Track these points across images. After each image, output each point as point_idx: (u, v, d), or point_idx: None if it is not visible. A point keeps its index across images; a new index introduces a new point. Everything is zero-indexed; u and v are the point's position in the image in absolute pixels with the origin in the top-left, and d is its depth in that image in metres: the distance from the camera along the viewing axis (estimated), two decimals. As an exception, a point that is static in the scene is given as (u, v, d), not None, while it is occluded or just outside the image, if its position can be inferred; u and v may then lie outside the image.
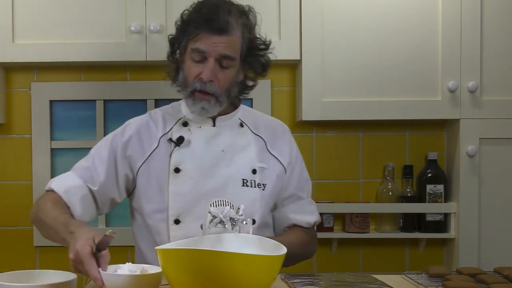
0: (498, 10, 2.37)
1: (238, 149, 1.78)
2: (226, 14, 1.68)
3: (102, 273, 1.43)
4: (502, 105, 2.37)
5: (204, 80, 1.69)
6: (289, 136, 1.89)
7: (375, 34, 2.37)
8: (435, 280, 1.57)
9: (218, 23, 1.67)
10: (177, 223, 1.72)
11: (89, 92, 2.55)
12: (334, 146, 2.58)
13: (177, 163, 1.74)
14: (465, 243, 2.40)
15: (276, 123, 1.92)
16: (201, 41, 1.68)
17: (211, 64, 1.68)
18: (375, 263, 2.59)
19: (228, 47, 1.68)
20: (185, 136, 1.76)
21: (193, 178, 1.73)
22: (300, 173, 1.88)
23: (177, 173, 1.74)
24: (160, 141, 1.78)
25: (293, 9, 2.36)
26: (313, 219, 1.87)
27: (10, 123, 2.56)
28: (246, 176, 1.75)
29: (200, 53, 1.69)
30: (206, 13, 1.68)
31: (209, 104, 1.71)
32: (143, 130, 1.80)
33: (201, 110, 1.72)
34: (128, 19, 2.34)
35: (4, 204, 2.56)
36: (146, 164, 1.77)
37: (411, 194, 2.52)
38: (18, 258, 2.55)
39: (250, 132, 1.82)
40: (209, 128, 1.78)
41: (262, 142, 1.82)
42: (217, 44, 1.67)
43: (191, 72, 1.71)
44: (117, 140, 1.80)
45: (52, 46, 2.35)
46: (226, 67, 1.70)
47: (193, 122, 1.79)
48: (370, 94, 2.37)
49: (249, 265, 1.27)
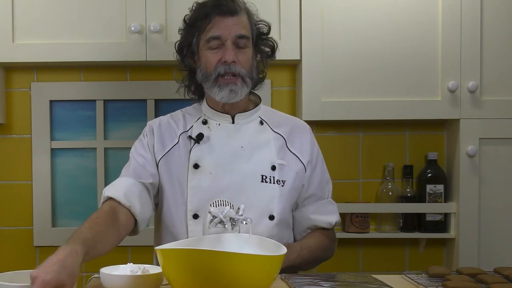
0: (498, 10, 2.37)
1: (257, 145, 1.79)
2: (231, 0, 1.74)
3: (102, 274, 1.43)
4: (502, 105, 2.37)
5: (228, 62, 1.72)
6: (310, 135, 1.90)
7: (375, 34, 2.37)
8: (435, 280, 1.57)
9: (227, 6, 1.72)
10: (196, 217, 1.73)
11: (89, 92, 2.55)
12: (334, 146, 2.58)
13: (196, 159, 1.76)
14: (465, 243, 2.40)
15: (297, 121, 1.93)
16: (215, 27, 1.72)
17: (230, 46, 1.72)
18: (375, 263, 2.59)
19: (242, 27, 1.74)
20: (205, 133, 1.79)
21: (212, 174, 1.75)
22: (321, 174, 1.89)
23: (196, 169, 1.76)
24: (180, 138, 1.81)
25: (293, 9, 2.36)
26: (334, 219, 1.87)
27: (10, 123, 2.56)
28: (265, 172, 1.76)
29: (217, 39, 1.72)
30: (213, 1, 1.73)
31: (236, 86, 1.74)
32: (164, 127, 1.84)
33: (230, 93, 1.74)
34: (128, 19, 2.34)
35: (4, 204, 2.56)
36: (165, 158, 1.79)
37: (411, 194, 2.52)
38: (18, 258, 2.55)
39: (270, 129, 1.84)
40: (228, 125, 1.80)
41: (282, 139, 1.83)
42: (231, 26, 1.72)
43: (210, 60, 1.74)
44: (146, 136, 1.84)
45: (52, 46, 2.35)
46: (243, 47, 1.74)
47: (213, 120, 1.81)
48: (370, 94, 2.37)
49: (249, 265, 1.27)
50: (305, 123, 1.94)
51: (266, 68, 1.87)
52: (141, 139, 1.85)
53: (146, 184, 1.77)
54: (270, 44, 1.85)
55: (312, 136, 1.91)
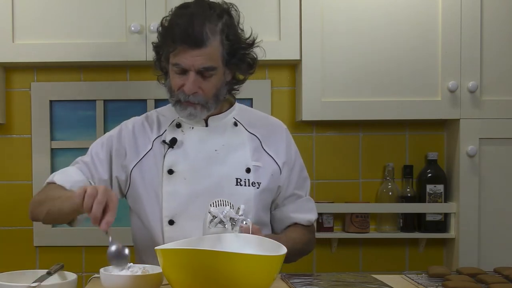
0: (498, 10, 2.37)
1: (232, 148, 1.78)
2: (201, 25, 1.64)
3: (102, 274, 1.43)
4: (502, 105, 2.37)
5: (187, 93, 1.69)
6: (287, 135, 1.88)
7: (375, 34, 2.37)
8: (435, 280, 1.58)
9: (193, 37, 1.64)
10: (171, 223, 1.73)
11: (89, 92, 2.55)
12: (334, 146, 2.58)
13: (170, 165, 1.75)
14: (465, 243, 2.40)
15: (273, 121, 1.91)
16: (180, 56, 1.66)
17: (192, 78, 1.67)
18: (375, 263, 2.59)
19: (207, 59, 1.66)
20: (178, 138, 1.77)
21: (187, 179, 1.73)
22: (299, 172, 1.88)
23: (171, 175, 1.74)
24: (154, 143, 1.79)
25: (293, 9, 2.36)
26: (313, 217, 1.88)
27: (10, 123, 2.56)
28: (240, 175, 1.75)
29: (180, 68, 1.68)
30: (181, 25, 1.65)
31: (196, 110, 1.71)
32: (138, 131, 1.82)
33: (189, 116, 1.73)
34: (128, 19, 2.34)
35: (4, 204, 2.56)
36: (139, 165, 1.78)
37: (411, 194, 2.52)
38: (18, 258, 2.55)
39: (244, 130, 1.82)
40: (201, 129, 1.78)
41: (257, 140, 1.82)
42: (196, 58, 1.65)
43: (175, 83, 1.71)
44: (112, 141, 1.81)
45: (52, 46, 2.35)
46: (209, 76, 1.69)
47: (186, 123, 1.79)
48: (370, 94, 2.37)
49: (249, 265, 1.27)
50: (282, 123, 1.91)
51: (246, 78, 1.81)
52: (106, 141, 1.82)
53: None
54: (248, 61, 1.76)
55: (289, 135, 1.89)
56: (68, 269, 1.52)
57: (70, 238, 2.54)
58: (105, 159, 1.79)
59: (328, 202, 2.51)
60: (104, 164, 1.79)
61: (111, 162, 1.79)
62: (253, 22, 2.36)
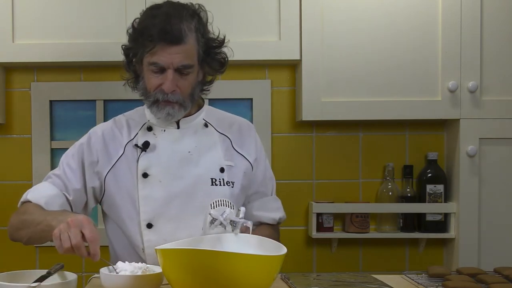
0: (498, 10, 2.37)
1: (204, 149, 1.78)
2: (178, 22, 1.66)
3: (102, 274, 1.43)
4: (502, 105, 2.37)
5: (166, 91, 1.69)
6: (254, 133, 1.90)
7: (375, 34, 2.37)
8: (435, 280, 1.58)
9: (172, 34, 1.64)
10: (150, 227, 1.73)
11: (89, 92, 2.55)
12: (334, 146, 2.58)
13: (144, 168, 1.75)
14: (465, 243, 2.40)
15: (241, 121, 1.92)
16: (158, 54, 1.66)
17: (171, 76, 1.68)
18: (375, 263, 2.59)
19: (185, 57, 1.67)
20: (151, 141, 1.77)
21: (162, 182, 1.74)
22: (264, 170, 1.89)
23: (145, 178, 1.74)
24: (126, 148, 1.79)
25: (293, 9, 2.36)
26: (277, 215, 1.88)
27: (10, 123, 2.56)
28: (215, 175, 1.76)
29: (158, 66, 1.68)
30: (159, 23, 1.65)
31: (173, 110, 1.72)
32: (108, 137, 1.81)
33: (167, 115, 1.72)
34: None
35: (4, 204, 2.56)
36: (113, 171, 1.77)
37: (411, 194, 2.52)
38: (18, 258, 2.55)
39: (215, 131, 1.83)
40: (173, 131, 1.79)
41: (228, 140, 1.83)
42: (174, 56, 1.66)
43: (151, 83, 1.71)
44: (83, 150, 1.81)
45: (52, 46, 2.35)
46: (186, 74, 1.70)
47: (157, 126, 1.79)
48: (370, 94, 2.37)
49: (249, 265, 1.27)
50: (249, 122, 1.93)
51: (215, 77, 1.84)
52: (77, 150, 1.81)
53: (68, 198, 1.75)
54: (219, 60, 1.79)
55: (256, 134, 1.90)
56: (68, 269, 1.52)
57: (70, 238, 2.53)
58: (77, 168, 1.78)
59: (328, 202, 2.51)
60: (77, 174, 1.78)
61: (84, 171, 1.79)
62: (253, 22, 2.38)
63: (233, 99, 2.52)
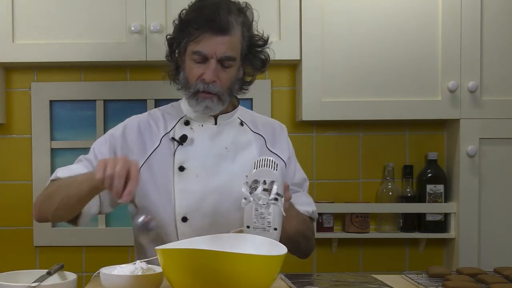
0: (498, 10, 2.37)
1: (240, 146, 1.79)
2: (226, 14, 1.68)
3: (102, 274, 1.42)
4: (502, 105, 2.37)
5: (207, 81, 1.69)
6: (286, 134, 1.92)
7: (375, 34, 2.37)
8: (435, 280, 1.58)
9: (220, 24, 1.66)
10: (185, 220, 1.73)
11: (89, 92, 2.55)
12: (334, 146, 2.58)
13: (181, 162, 1.75)
14: (465, 243, 2.40)
15: (273, 122, 1.94)
16: (202, 43, 1.67)
17: (213, 65, 1.68)
18: (375, 263, 2.59)
19: (229, 48, 1.68)
20: (188, 135, 1.77)
21: (199, 176, 1.74)
22: (295, 171, 1.88)
23: (182, 172, 1.74)
24: (162, 140, 1.78)
25: (293, 9, 2.36)
26: (310, 208, 1.84)
27: (10, 123, 2.56)
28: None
29: (202, 55, 1.69)
30: (207, 13, 1.67)
31: (213, 103, 1.72)
32: (144, 129, 1.80)
33: (205, 109, 1.73)
34: (128, 19, 2.34)
35: (4, 204, 2.56)
36: (148, 162, 1.76)
37: (411, 194, 2.52)
38: (18, 258, 2.55)
39: (250, 130, 1.84)
40: (211, 127, 1.79)
41: (262, 140, 1.84)
42: (219, 46, 1.67)
43: (192, 73, 1.71)
44: (116, 139, 1.79)
45: (52, 46, 2.35)
46: (228, 66, 1.70)
47: (195, 121, 1.79)
48: (370, 94, 2.37)
49: (249, 265, 1.27)
50: (281, 123, 1.94)
51: (254, 78, 1.84)
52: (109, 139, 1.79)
53: None
54: (262, 58, 1.80)
55: (287, 135, 1.92)
56: (68, 269, 1.52)
57: (70, 238, 2.54)
58: (108, 155, 1.76)
59: (328, 202, 2.51)
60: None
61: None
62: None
63: (233, 99, 2.52)
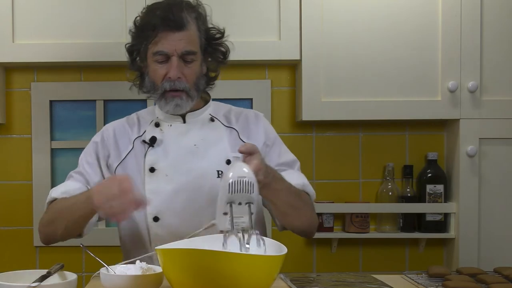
0: (498, 10, 2.37)
1: (210, 142, 1.79)
2: (179, 11, 1.71)
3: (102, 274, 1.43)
4: (502, 105, 2.37)
5: (172, 78, 1.72)
6: (263, 121, 1.88)
7: (375, 34, 2.37)
8: (435, 280, 1.58)
9: (174, 20, 1.69)
10: (156, 220, 1.75)
11: (89, 92, 2.55)
12: (334, 146, 2.58)
13: (151, 163, 1.77)
14: (465, 243, 2.40)
15: (248, 111, 1.92)
16: (161, 42, 1.70)
17: (176, 62, 1.71)
18: (375, 263, 2.59)
19: (188, 43, 1.71)
20: (158, 136, 1.79)
21: (168, 175, 1.75)
22: (279, 153, 1.83)
23: (152, 173, 1.76)
24: (135, 143, 1.82)
25: (293, 9, 2.36)
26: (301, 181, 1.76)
27: (10, 123, 2.56)
28: (221, 167, 1.76)
29: (163, 54, 1.71)
30: (161, 13, 1.71)
31: (182, 100, 1.74)
32: (119, 133, 1.85)
33: (175, 107, 1.75)
34: (128, 19, 2.34)
35: (4, 204, 2.56)
36: (122, 165, 1.81)
37: (411, 194, 2.52)
38: (18, 258, 2.55)
39: (221, 125, 1.84)
40: (179, 125, 1.81)
41: (235, 132, 1.84)
42: (178, 42, 1.70)
43: (157, 74, 1.74)
44: (97, 145, 1.85)
45: (52, 46, 2.36)
46: (190, 61, 1.73)
47: (164, 121, 1.82)
48: (370, 94, 2.37)
49: (249, 265, 1.27)
50: (257, 112, 1.91)
51: (218, 71, 1.86)
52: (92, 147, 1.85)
53: None
54: (222, 50, 1.83)
55: (266, 122, 1.89)
56: (68, 269, 1.52)
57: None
58: (94, 162, 1.83)
59: (328, 202, 2.51)
60: (94, 167, 1.82)
61: (100, 164, 1.83)
62: (253, 22, 2.38)
63: (233, 99, 2.52)
